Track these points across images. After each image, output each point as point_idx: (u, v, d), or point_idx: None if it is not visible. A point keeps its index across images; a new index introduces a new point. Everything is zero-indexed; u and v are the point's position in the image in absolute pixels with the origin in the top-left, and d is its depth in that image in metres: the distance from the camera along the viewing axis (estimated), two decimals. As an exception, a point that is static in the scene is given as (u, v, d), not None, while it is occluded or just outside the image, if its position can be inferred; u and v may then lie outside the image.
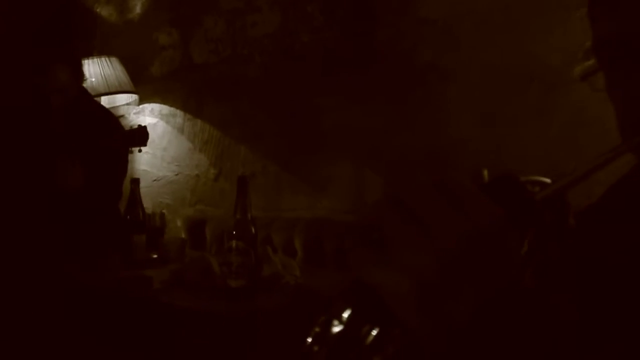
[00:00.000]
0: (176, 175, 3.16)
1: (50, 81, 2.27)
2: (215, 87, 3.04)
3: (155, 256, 2.13)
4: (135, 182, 2.16)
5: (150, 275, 1.82)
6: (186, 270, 1.91)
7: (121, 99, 3.16)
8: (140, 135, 2.14)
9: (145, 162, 3.24)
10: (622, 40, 0.62)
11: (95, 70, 2.96)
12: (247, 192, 1.76)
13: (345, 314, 0.57)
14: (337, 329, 0.57)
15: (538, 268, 0.92)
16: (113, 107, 3.17)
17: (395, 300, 0.46)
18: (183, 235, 2.90)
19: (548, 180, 0.80)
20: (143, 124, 2.31)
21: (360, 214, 2.49)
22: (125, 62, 3.12)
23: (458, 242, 0.45)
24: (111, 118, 2.50)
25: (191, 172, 3.11)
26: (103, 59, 3.02)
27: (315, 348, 0.55)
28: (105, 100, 3.10)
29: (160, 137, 3.20)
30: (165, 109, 3.20)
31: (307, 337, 0.56)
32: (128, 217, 2.07)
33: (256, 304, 1.69)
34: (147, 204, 3.03)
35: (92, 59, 3.02)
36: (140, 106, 3.25)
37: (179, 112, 3.16)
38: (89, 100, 2.53)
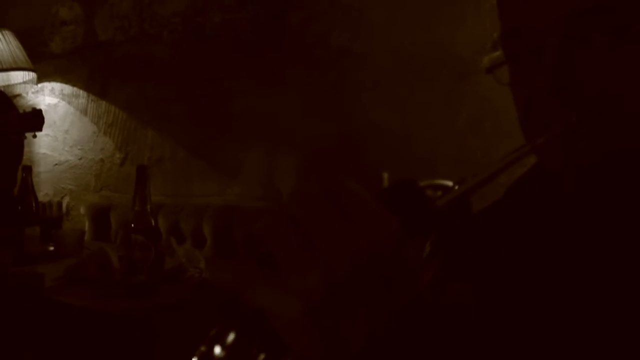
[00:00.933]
0: (79, 159, 2.99)
1: None
2: (121, 66, 2.89)
3: (51, 249, 2.00)
4: (27, 169, 2.02)
5: (43, 272, 1.70)
6: (83, 265, 1.80)
7: (17, 77, 2.94)
8: (35, 120, 1.99)
9: (46, 145, 3.05)
10: (526, 33, 0.60)
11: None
12: (147, 182, 1.67)
13: (230, 338, 0.52)
14: (221, 353, 0.52)
15: (441, 269, 0.91)
16: (8, 86, 2.96)
17: (283, 324, 0.43)
18: (87, 223, 2.76)
19: (450, 184, 0.78)
20: (38, 107, 2.15)
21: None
22: (22, 36, 2.90)
23: (349, 261, 0.41)
24: (3, 99, 2.32)
25: (95, 156, 2.95)
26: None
27: None
28: (-1, 78, 2.89)
29: (61, 119, 3.02)
30: (67, 88, 3.02)
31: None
32: (20, 207, 1.92)
33: (157, 300, 1.61)
34: (49, 190, 2.88)
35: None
36: (39, 85, 3.05)
37: (82, 93, 2.99)
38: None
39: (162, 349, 1.48)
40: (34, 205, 1.94)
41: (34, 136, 2.04)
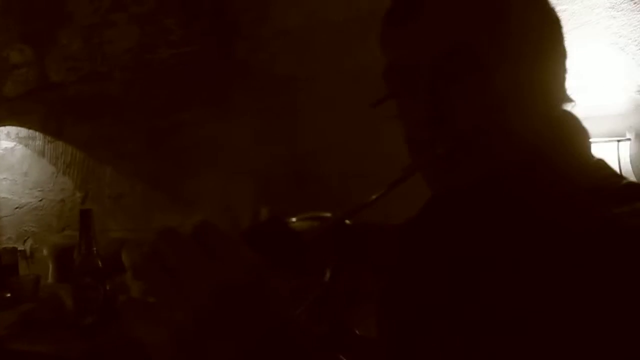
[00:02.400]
0: (40, 201, 3.00)
1: None
2: (75, 106, 2.92)
3: (8, 295, 2.01)
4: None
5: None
6: (37, 310, 1.81)
7: (-28, 124, 2.97)
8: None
9: (5, 189, 3.06)
10: (402, 71, 0.65)
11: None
12: (92, 225, 1.69)
13: None
14: None
15: (348, 291, 0.95)
16: (-37, 133, 2.98)
17: (155, 352, 0.47)
18: (50, 265, 2.76)
19: (329, 215, 0.83)
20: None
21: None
22: (-27, 84, 2.94)
23: (210, 296, 0.45)
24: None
25: (56, 196, 2.97)
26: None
27: None
28: (-47, 127, 2.90)
29: (19, 162, 3.04)
30: (23, 131, 3.04)
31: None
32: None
33: (109, 339, 1.63)
34: (11, 233, 2.89)
35: None
36: (-5, 130, 3.07)
37: (38, 134, 3.01)
38: None
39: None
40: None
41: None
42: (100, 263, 1.67)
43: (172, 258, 0.47)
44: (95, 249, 1.67)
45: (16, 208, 3.05)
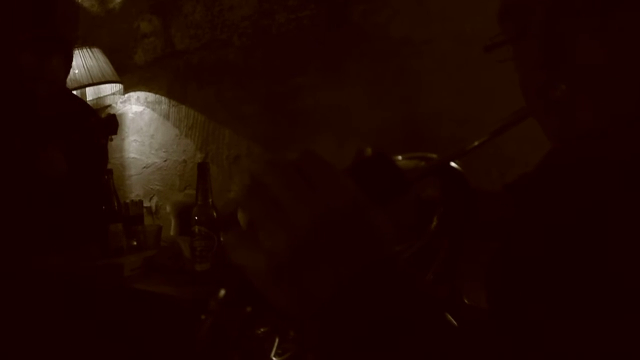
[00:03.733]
0: (164, 161, 3.20)
1: (45, 71, 2.33)
2: (197, 72, 3.07)
3: (135, 244, 2.18)
4: (109, 172, 2.21)
5: (121, 263, 1.87)
6: (158, 256, 1.95)
7: (106, 89, 3.20)
8: (109, 125, 2.18)
9: (135, 150, 3.29)
10: (516, 11, 0.63)
11: (78, 62, 3.00)
12: (208, 177, 1.79)
13: (221, 293, 0.60)
14: (214, 307, 0.61)
15: (452, 240, 0.92)
16: (100, 98, 3.22)
17: (256, 278, 0.49)
18: (172, 220, 2.95)
19: (434, 156, 0.81)
20: (112, 113, 2.34)
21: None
22: (109, 52, 3.15)
23: (310, 222, 0.46)
24: (83, 109, 2.54)
25: (179, 157, 3.15)
26: (86, 50, 3.05)
27: (203, 317, 0.60)
28: (91, 91, 3.15)
29: (147, 125, 3.25)
30: (150, 96, 3.24)
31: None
32: (103, 206, 2.11)
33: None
34: (139, 191, 3.11)
35: (75, 50, 3.05)
36: (126, 95, 3.29)
37: (164, 99, 3.20)
38: (66, 92, 2.59)
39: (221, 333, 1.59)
40: (116, 204, 2.12)
41: (111, 139, 2.23)
42: (215, 214, 1.77)
43: (274, 186, 0.48)
44: (211, 200, 1.77)
45: (143, 167, 3.27)
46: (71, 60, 2.57)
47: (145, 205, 3.07)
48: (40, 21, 3.29)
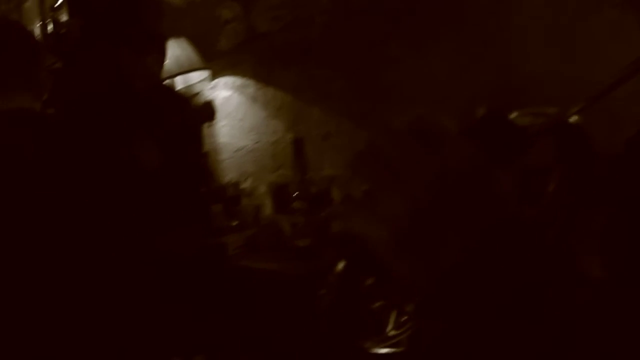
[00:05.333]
0: (256, 143, 3.27)
1: (142, 67, 2.42)
2: (281, 53, 3.10)
3: (234, 223, 2.25)
4: (207, 156, 2.28)
5: (226, 242, 1.93)
6: (260, 234, 2.01)
7: (195, 77, 3.29)
8: (205, 111, 2.24)
9: (225, 134, 3.37)
10: None
11: (167, 53, 3.09)
12: (303, 153, 1.81)
13: (339, 267, 0.61)
14: (336, 279, 0.61)
15: (569, 204, 0.88)
16: (188, 86, 3.32)
17: (377, 248, 0.48)
18: (268, 201, 3.02)
19: (552, 110, 0.78)
20: (208, 100, 2.40)
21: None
22: (194, 41, 3.24)
23: (428, 186, 0.45)
24: (178, 98, 2.62)
25: (269, 139, 3.21)
26: (172, 41, 3.14)
27: (323, 292, 0.60)
28: (180, 80, 3.25)
29: (235, 109, 3.32)
30: (237, 80, 3.31)
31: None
32: (205, 189, 2.19)
33: (322, 261, 1.75)
34: (233, 174, 3.19)
35: (163, 42, 3.16)
36: (214, 81, 3.38)
37: (250, 82, 3.25)
38: (160, 84, 2.68)
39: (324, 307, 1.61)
40: (216, 186, 2.19)
41: (209, 126, 2.29)
42: (313, 190, 1.80)
43: (389, 151, 0.48)
44: (309, 176, 1.80)
45: (236, 151, 3.35)
46: (165, 55, 2.65)
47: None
48: (134, 18, 3.42)
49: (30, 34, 1.70)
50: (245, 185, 3.29)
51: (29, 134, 1.41)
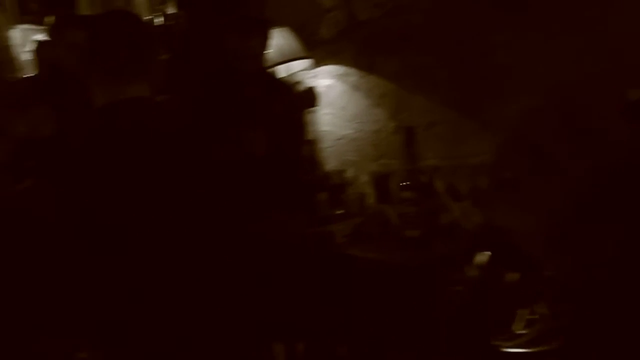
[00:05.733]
0: (357, 132, 3.24)
1: (247, 50, 2.47)
2: (382, 41, 3.05)
3: (339, 212, 2.24)
4: (312, 143, 2.28)
5: (333, 230, 1.92)
6: (366, 224, 1.98)
7: (297, 66, 3.30)
8: (308, 97, 2.24)
9: (327, 122, 3.37)
10: None
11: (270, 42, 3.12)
12: (414, 142, 1.77)
13: (484, 259, 0.58)
14: (477, 273, 0.58)
15: None
16: (291, 74, 3.34)
17: (525, 240, 0.47)
18: (369, 190, 2.98)
19: None
20: (309, 86, 2.40)
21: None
22: (296, 30, 3.25)
23: (589, 176, 0.43)
24: (282, 85, 2.64)
25: (371, 127, 3.17)
26: (275, 30, 3.17)
27: (460, 288, 0.58)
28: (281, 69, 3.27)
29: (338, 97, 3.31)
30: (338, 69, 3.29)
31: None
32: (309, 177, 2.19)
33: (431, 252, 1.71)
34: (334, 162, 3.19)
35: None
36: (316, 70, 3.38)
37: (352, 71, 3.23)
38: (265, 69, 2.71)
39: (437, 295, 1.57)
40: (321, 174, 2.19)
41: (310, 112, 2.28)
42: (424, 179, 1.75)
43: (540, 139, 0.45)
44: (419, 164, 1.75)
45: (337, 139, 3.34)
46: (268, 39, 2.68)
47: (341, 176, 3.14)
48: (241, 2, 3.47)
49: (146, 25, 1.76)
50: (347, 174, 3.27)
51: (147, 122, 1.45)
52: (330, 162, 3.35)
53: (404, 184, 1.76)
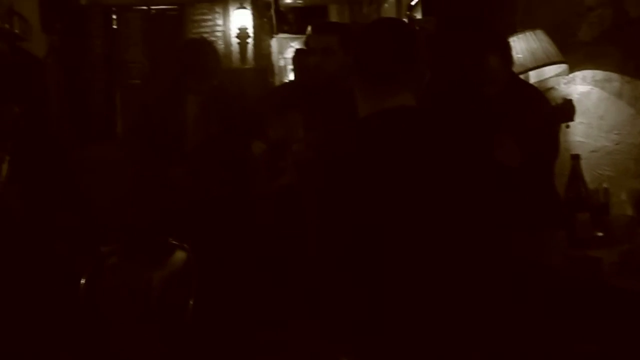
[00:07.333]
0: (616, 144, 2.91)
1: (484, 72, 2.40)
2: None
3: (600, 235, 2.02)
4: (576, 157, 2.10)
5: (599, 257, 1.73)
6: (637, 252, 1.75)
7: (549, 71, 3.08)
8: (566, 111, 2.07)
9: (581, 133, 3.08)
10: None
11: (521, 46, 2.95)
12: None
13: None
14: None
15: None
16: (542, 80, 3.13)
17: None
18: (629, 211, 2.66)
19: None
20: (568, 98, 2.22)
21: None
22: (550, 32, 3.03)
23: None
24: (537, 96, 2.48)
25: (634, 140, 2.81)
26: (527, 33, 3.00)
27: None
28: (533, 74, 3.07)
29: (595, 106, 3.00)
30: (598, 74, 2.98)
31: None
32: (570, 194, 2.01)
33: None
34: (586, 177, 2.90)
35: (516, 35, 3.03)
36: (570, 75, 3.11)
37: (614, 76, 2.89)
38: (516, 81, 2.58)
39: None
40: (583, 191, 1.99)
41: (567, 126, 2.12)
42: None
43: None
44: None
45: (591, 151, 3.03)
46: (509, 53, 2.57)
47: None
48: (475, 23, 3.39)
49: (417, 34, 1.77)
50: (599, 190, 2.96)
51: (413, 129, 1.44)
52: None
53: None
